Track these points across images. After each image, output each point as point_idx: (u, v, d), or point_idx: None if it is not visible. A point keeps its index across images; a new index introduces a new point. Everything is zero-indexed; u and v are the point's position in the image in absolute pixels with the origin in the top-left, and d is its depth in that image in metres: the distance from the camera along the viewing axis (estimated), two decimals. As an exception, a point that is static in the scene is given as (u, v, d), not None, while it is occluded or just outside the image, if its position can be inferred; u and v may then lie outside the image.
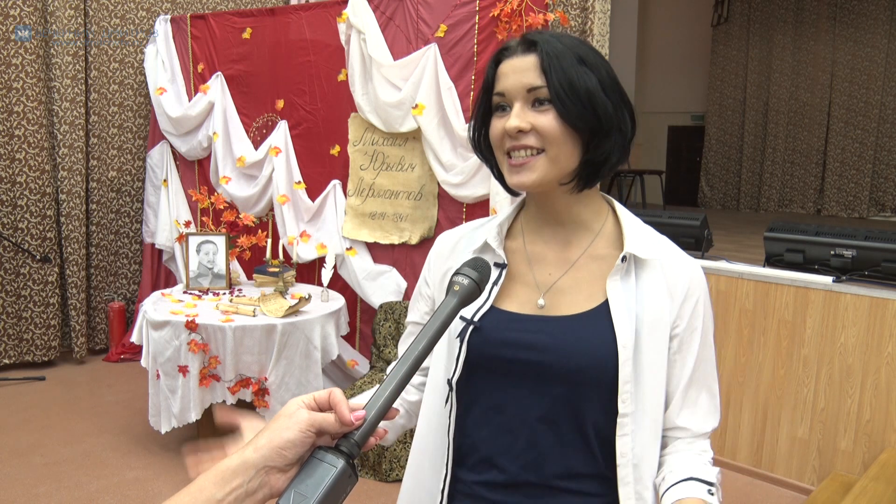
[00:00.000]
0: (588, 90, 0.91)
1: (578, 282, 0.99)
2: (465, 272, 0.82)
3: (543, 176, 0.93)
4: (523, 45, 0.95)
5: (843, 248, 3.20)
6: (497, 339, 0.98)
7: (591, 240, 1.01)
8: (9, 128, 4.28)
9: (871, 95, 8.72)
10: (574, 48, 0.93)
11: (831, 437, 3.15)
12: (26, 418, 3.72)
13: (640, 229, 1.01)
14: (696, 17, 10.09)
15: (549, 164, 0.93)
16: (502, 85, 0.95)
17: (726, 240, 5.88)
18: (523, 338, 0.97)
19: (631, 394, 0.94)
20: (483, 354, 0.99)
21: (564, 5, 3.62)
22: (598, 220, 1.02)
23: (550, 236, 1.02)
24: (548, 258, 1.02)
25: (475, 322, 1.00)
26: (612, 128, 0.93)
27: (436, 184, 3.57)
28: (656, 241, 1.01)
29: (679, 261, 1.00)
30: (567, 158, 0.93)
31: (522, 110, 0.92)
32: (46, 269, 4.47)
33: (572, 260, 1.00)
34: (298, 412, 0.65)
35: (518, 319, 0.99)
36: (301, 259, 4.04)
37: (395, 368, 0.70)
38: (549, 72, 0.91)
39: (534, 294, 1.00)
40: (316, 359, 3.24)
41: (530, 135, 0.92)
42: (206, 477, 0.63)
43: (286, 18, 4.12)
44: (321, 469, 0.63)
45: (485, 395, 1.01)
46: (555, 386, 0.96)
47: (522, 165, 0.93)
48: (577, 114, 0.90)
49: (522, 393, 0.98)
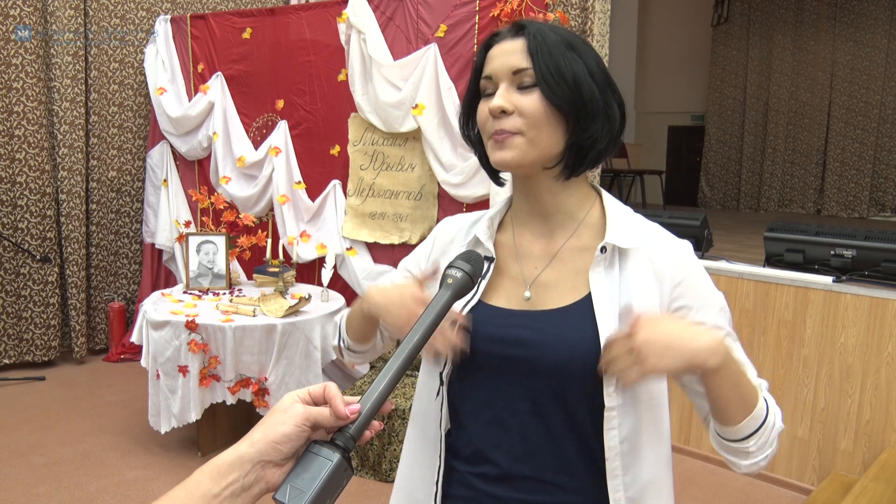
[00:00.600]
0: (574, 73, 0.91)
1: (563, 274, 0.99)
2: (458, 265, 0.82)
3: (523, 155, 0.93)
4: (512, 30, 0.95)
5: (843, 248, 3.20)
6: (483, 334, 0.99)
7: (573, 229, 1.00)
8: (9, 128, 4.28)
9: (871, 95, 8.71)
10: (563, 35, 0.94)
11: (831, 437, 3.15)
12: (26, 418, 3.73)
13: (625, 219, 1.00)
14: (696, 17, 10.08)
15: (528, 144, 0.93)
16: (490, 68, 0.95)
17: (726, 240, 5.88)
18: (508, 333, 0.98)
19: (617, 387, 0.93)
20: (470, 350, 0.99)
21: (564, 5, 3.62)
22: (583, 209, 1.01)
23: (536, 229, 1.02)
24: (534, 251, 1.02)
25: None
26: (597, 112, 0.93)
27: (436, 184, 3.57)
28: (642, 229, 1.00)
29: (665, 244, 0.98)
30: (549, 141, 0.93)
31: (508, 91, 0.93)
32: (46, 269, 4.47)
33: (555, 252, 1.00)
34: (293, 406, 0.65)
35: (504, 314, 0.99)
36: (301, 259, 4.04)
37: (389, 362, 0.70)
38: (535, 54, 0.91)
39: (520, 288, 1.01)
40: (316, 359, 3.25)
41: (512, 117, 0.92)
42: (202, 472, 0.63)
43: (286, 18, 4.12)
44: (317, 463, 0.63)
45: (475, 389, 1.02)
46: (541, 380, 0.96)
47: (503, 141, 0.93)
48: (561, 95, 0.90)
49: (511, 388, 0.98)
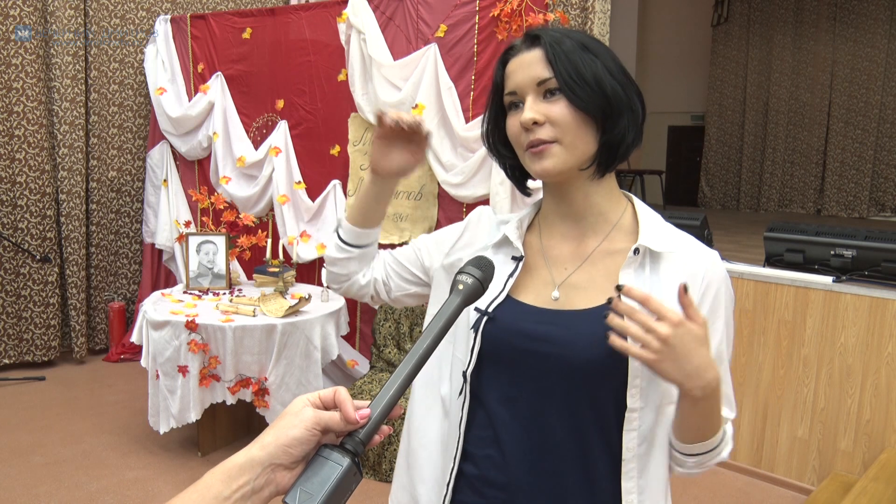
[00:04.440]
0: (595, 74, 0.93)
1: (593, 276, 1.00)
2: (469, 271, 0.82)
3: (564, 162, 0.95)
4: (527, 41, 0.97)
5: (843, 248, 3.20)
6: (512, 328, 0.99)
7: (607, 232, 1.01)
8: (9, 128, 4.28)
9: (871, 95, 8.71)
10: (575, 37, 0.96)
11: (831, 437, 3.15)
12: (26, 418, 3.72)
13: (657, 224, 1.01)
14: (696, 17, 10.09)
15: (567, 151, 0.95)
16: (513, 83, 0.97)
17: (726, 240, 5.88)
18: (537, 329, 0.98)
19: (640, 388, 0.94)
20: (497, 344, 1.00)
21: (564, 5, 3.62)
22: (617, 211, 1.03)
23: (567, 231, 1.03)
24: (563, 253, 1.03)
25: (489, 312, 1.00)
26: (623, 108, 0.95)
27: (436, 184, 3.57)
28: (674, 235, 1.01)
29: (697, 251, 1.00)
30: (584, 144, 0.95)
31: (535, 102, 0.94)
32: (46, 269, 4.47)
33: (587, 254, 1.01)
34: (304, 410, 0.66)
35: (532, 311, 1.00)
36: (301, 259, 4.04)
37: (399, 367, 0.71)
38: (555, 62, 0.93)
39: (549, 288, 1.01)
40: (316, 359, 3.24)
41: (545, 127, 0.94)
42: (213, 474, 0.63)
43: (286, 18, 4.12)
44: (327, 467, 0.63)
45: (497, 386, 1.02)
46: (566, 379, 0.96)
47: (542, 152, 0.95)
48: (587, 98, 0.92)
49: (535, 385, 0.98)
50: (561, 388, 0.97)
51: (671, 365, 0.83)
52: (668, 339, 0.81)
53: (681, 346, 0.81)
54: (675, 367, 0.83)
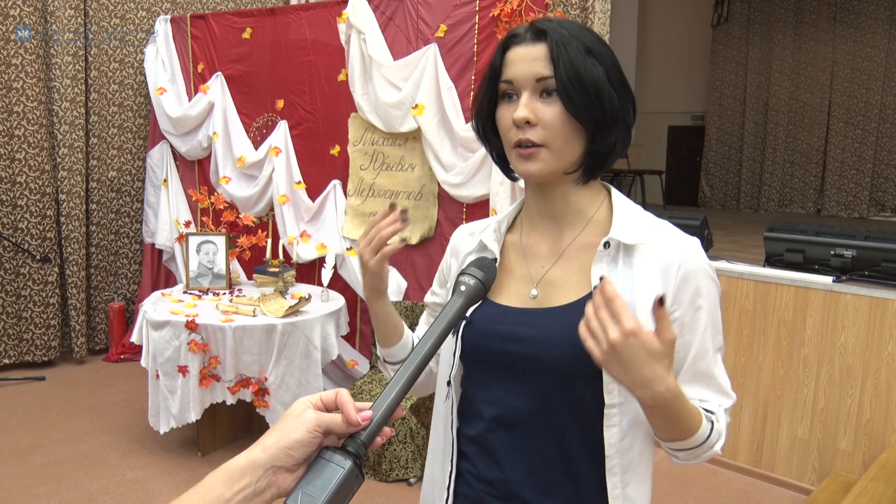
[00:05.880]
0: (595, 82, 0.91)
1: (568, 272, 1.00)
2: (471, 272, 0.83)
3: (549, 167, 0.95)
4: (532, 33, 0.95)
5: (843, 248, 3.20)
6: (488, 331, 1.00)
7: (582, 226, 1.01)
8: (9, 128, 4.28)
9: (871, 95, 8.71)
10: (583, 40, 0.93)
11: (831, 437, 3.15)
12: (26, 418, 3.73)
13: (632, 215, 0.99)
14: (696, 17, 10.08)
15: (554, 157, 0.94)
16: (511, 72, 0.95)
17: (726, 240, 5.88)
18: (512, 330, 0.98)
19: (619, 384, 0.92)
20: (476, 348, 1.01)
21: (564, 5, 3.62)
22: (593, 205, 1.02)
23: (546, 228, 1.03)
24: (541, 250, 1.03)
25: (466, 317, 1.02)
26: (617, 119, 0.94)
27: (436, 184, 3.57)
28: (649, 225, 0.99)
29: (673, 240, 0.97)
30: (572, 150, 0.95)
31: (531, 100, 0.93)
32: (46, 269, 4.47)
33: (562, 250, 1.01)
34: (306, 412, 0.66)
35: (509, 312, 1.00)
36: (301, 259, 4.04)
37: (401, 369, 0.71)
38: (557, 63, 0.91)
39: (528, 287, 1.02)
40: (316, 359, 3.24)
41: (536, 129, 0.93)
42: (215, 476, 0.63)
43: (286, 18, 4.12)
44: (329, 469, 0.63)
45: (482, 388, 1.03)
46: (544, 377, 0.97)
47: (530, 155, 0.94)
48: (583, 107, 0.91)
49: (515, 385, 0.99)
50: (538, 388, 0.97)
51: (618, 369, 0.81)
52: (616, 346, 0.78)
53: (628, 355, 0.78)
54: (622, 373, 0.81)
